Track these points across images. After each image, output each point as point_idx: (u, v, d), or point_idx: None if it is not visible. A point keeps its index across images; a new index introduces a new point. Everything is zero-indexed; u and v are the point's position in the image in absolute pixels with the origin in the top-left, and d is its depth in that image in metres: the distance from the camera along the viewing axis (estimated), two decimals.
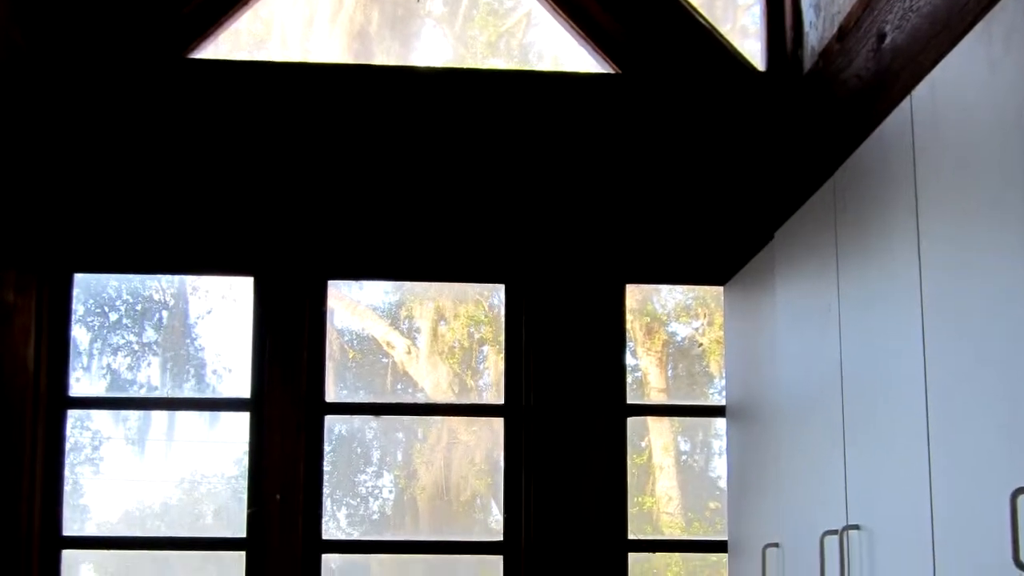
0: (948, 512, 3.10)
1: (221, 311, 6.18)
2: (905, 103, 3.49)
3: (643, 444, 6.36)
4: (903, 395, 3.44)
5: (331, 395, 5.96)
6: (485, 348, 6.31)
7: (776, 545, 4.68)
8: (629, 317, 6.08)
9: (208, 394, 6.06)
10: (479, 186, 5.92)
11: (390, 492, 6.31)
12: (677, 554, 6.23)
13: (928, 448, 3.23)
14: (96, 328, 6.09)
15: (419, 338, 6.30)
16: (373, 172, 5.91)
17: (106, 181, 5.85)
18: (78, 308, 5.98)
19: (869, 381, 3.78)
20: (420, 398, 6.25)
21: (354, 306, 6.33)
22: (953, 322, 3.15)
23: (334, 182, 5.92)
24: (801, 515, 4.39)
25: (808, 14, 5.40)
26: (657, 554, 6.14)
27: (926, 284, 3.33)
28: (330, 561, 5.88)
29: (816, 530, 4.10)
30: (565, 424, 5.79)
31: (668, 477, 6.36)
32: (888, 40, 4.25)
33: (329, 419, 5.91)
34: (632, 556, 5.85)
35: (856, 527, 3.80)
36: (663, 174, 5.95)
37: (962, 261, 3.12)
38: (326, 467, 5.83)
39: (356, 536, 6.17)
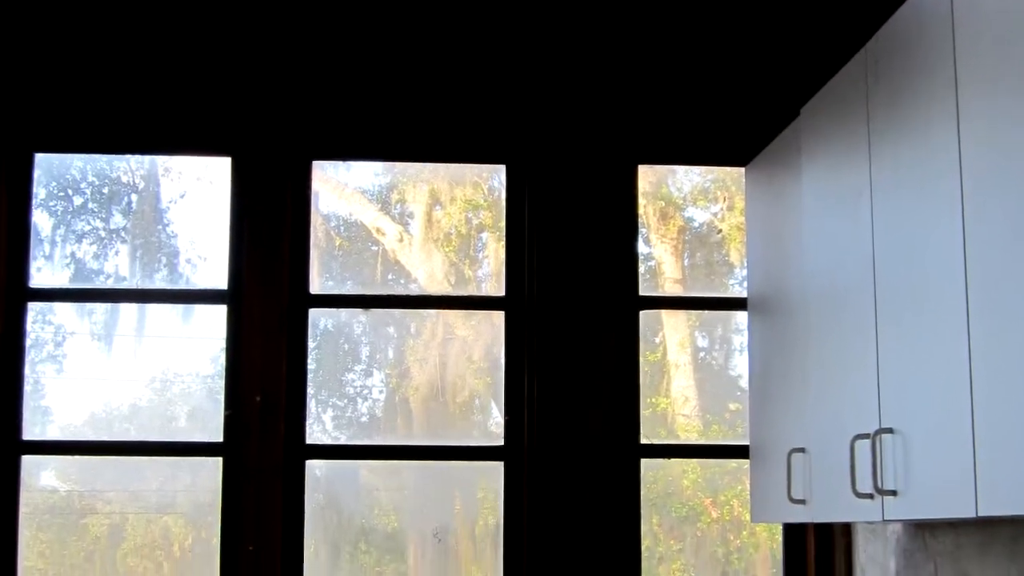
0: (991, 415, 3.10)
1: (196, 195, 6.15)
2: None
3: (657, 340, 6.33)
4: (941, 286, 3.42)
5: (316, 286, 5.96)
6: (484, 235, 6.26)
7: (802, 450, 4.74)
8: (641, 201, 6.07)
9: (181, 285, 6.02)
10: (477, 55, 5.87)
11: (380, 392, 6.29)
12: (694, 460, 6.24)
13: (968, 344, 3.22)
14: (59, 213, 6.05)
15: (412, 224, 6.25)
16: (362, 39, 5.85)
17: (69, 51, 5.79)
18: (39, 191, 6.01)
19: (904, 271, 3.76)
20: (413, 290, 6.21)
21: (341, 189, 6.27)
22: (996, 206, 3.11)
23: (319, 52, 5.86)
24: (830, 418, 4.42)
25: None
26: (672, 460, 6.16)
27: (966, 165, 3.29)
28: (315, 468, 5.92)
29: (846, 434, 4.12)
30: (571, 318, 5.79)
31: (684, 376, 6.33)
32: None
33: (313, 312, 5.93)
34: (645, 462, 5.88)
35: (889, 431, 3.81)
36: (679, 43, 5.89)
37: (1005, 140, 3.08)
38: (310, 365, 5.86)
39: (343, 441, 6.16)
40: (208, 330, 6.00)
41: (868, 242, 4.03)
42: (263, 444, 5.72)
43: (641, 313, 5.98)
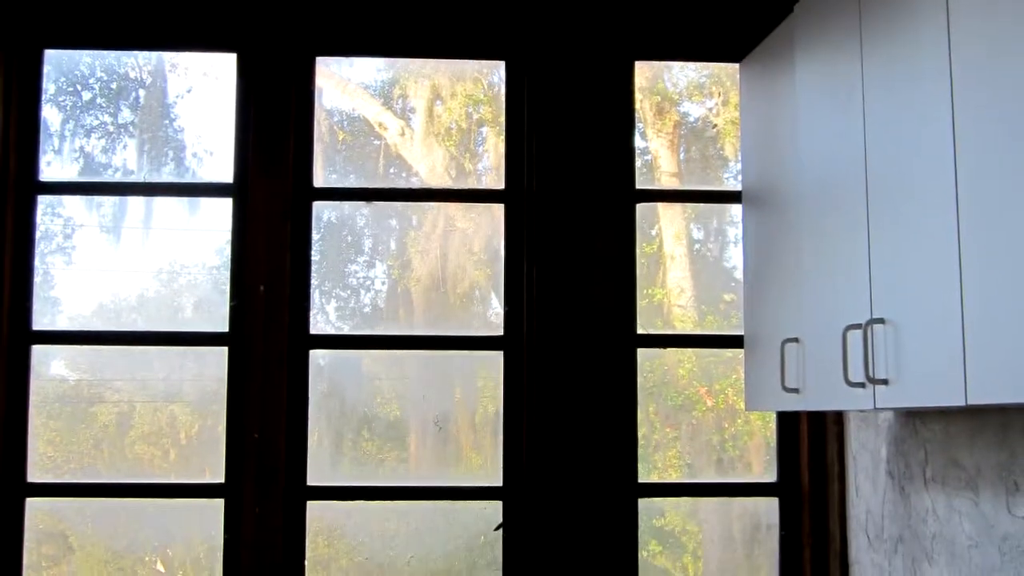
0: (980, 305, 3.12)
1: (202, 90, 6.13)
2: None
3: (653, 232, 6.33)
4: (931, 179, 3.43)
5: (319, 180, 5.96)
6: (484, 129, 6.24)
7: (795, 340, 4.76)
8: (638, 96, 6.06)
9: (188, 179, 6.01)
10: None
11: (383, 283, 6.30)
12: (689, 350, 6.26)
13: (958, 236, 3.24)
14: (68, 108, 6.04)
15: (413, 119, 6.23)
16: None
17: None
18: (49, 87, 6.01)
19: (895, 165, 3.76)
20: (414, 183, 6.20)
21: (344, 85, 6.25)
22: (985, 100, 3.11)
23: None
24: (822, 308, 4.44)
25: None
26: (668, 350, 6.19)
27: (956, 61, 3.31)
28: (318, 357, 5.94)
29: (838, 324, 4.15)
30: (570, 210, 5.79)
31: (680, 267, 6.34)
32: None
33: (317, 205, 5.93)
34: (641, 352, 5.91)
35: (881, 321, 3.84)
36: None
37: (994, 35, 3.07)
38: (314, 257, 5.89)
39: (346, 331, 6.18)
40: (214, 223, 6.00)
41: (860, 136, 4.03)
42: (268, 334, 5.74)
43: (638, 206, 5.98)
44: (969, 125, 3.19)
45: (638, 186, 5.98)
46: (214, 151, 6.06)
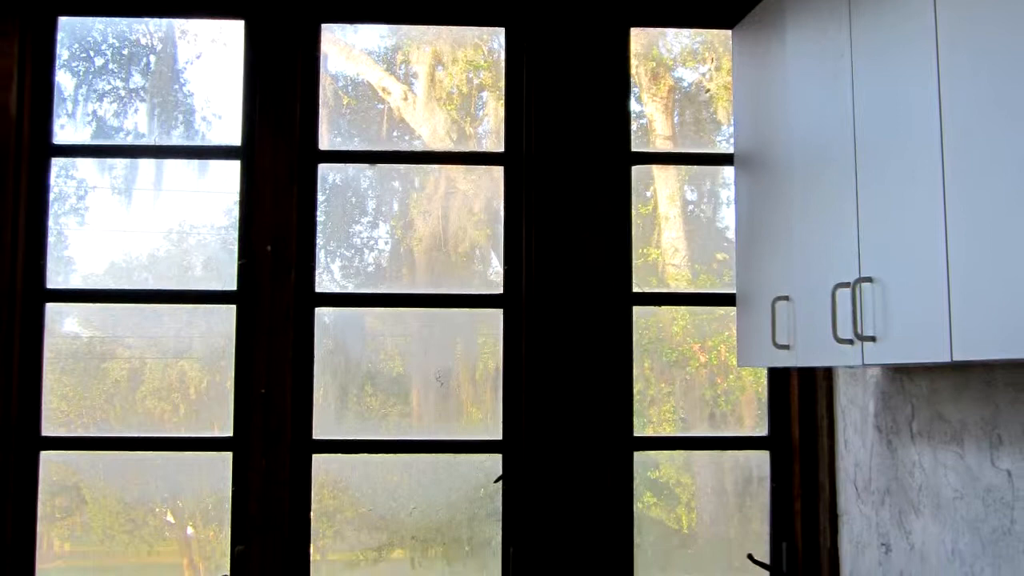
0: (965, 265, 3.14)
1: (211, 56, 6.13)
2: None
3: (648, 194, 6.35)
4: (918, 142, 3.45)
5: (324, 143, 5.97)
6: (484, 94, 6.26)
7: (786, 298, 4.77)
8: (634, 62, 6.07)
9: (197, 142, 6.03)
10: None
11: (386, 243, 6.32)
12: (683, 308, 6.28)
13: (944, 197, 3.26)
14: (81, 73, 6.05)
15: (416, 84, 6.25)
16: None
17: None
18: (62, 52, 6.01)
19: (883, 128, 3.79)
20: (417, 146, 6.22)
21: (348, 50, 6.26)
22: (970, 65, 3.14)
23: None
24: (812, 267, 4.46)
25: None
26: (662, 308, 6.19)
27: (942, 26, 3.33)
28: (323, 315, 5.97)
29: (828, 282, 4.17)
30: (567, 172, 5.81)
31: (674, 228, 6.36)
32: None
33: (322, 168, 5.94)
34: (636, 310, 5.92)
35: (869, 280, 3.87)
36: None
37: (979, 1, 3.08)
38: (319, 218, 5.89)
39: (350, 289, 6.19)
40: (222, 184, 6.01)
41: (848, 100, 4.06)
42: (274, 292, 5.76)
43: (633, 168, 6.01)
44: (954, 89, 3.22)
45: (633, 149, 6.00)
46: (222, 115, 6.08)
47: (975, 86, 3.09)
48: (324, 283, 6.04)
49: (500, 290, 5.94)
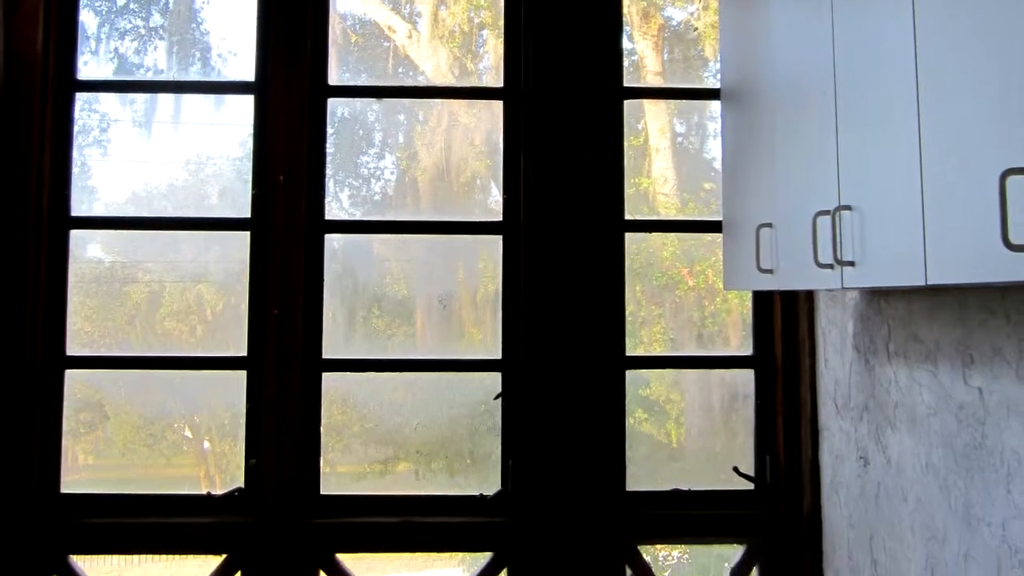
0: (938, 193, 3.15)
1: None
2: None
3: (639, 127, 6.39)
4: (894, 75, 3.45)
5: (333, 78, 5.97)
6: (485, 32, 6.28)
7: (769, 225, 4.78)
8: (625, 1, 6.06)
9: (213, 77, 6.06)
10: None
11: (391, 174, 6.35)
12: (672, 234, 6.31)
13: (919, 129, 3.27)
14: (103, 12, 6.06)
15: (420, 22, 6.26)
16: None
17: None
18: None
19: (861, 62, 3.79)
20: (421, 81, 6.26)
21: None
22: (944, 1, 3.14)
23: None
24: (794, 196, 4.46)
25: None
26: (653, 234, 6.24)
27: None
28: (332, 241, 5.96)
29: (809, 211, 4.18)
30: (563, 107, 5.81)
31: (664, 159, 6.40)
32: None
33: (332, 102, 5.94)
34: (628, 236, 5.94)
35: (848, 208, 3.87)
36: None
37: None
38: (329, 149, 5.87)
39: (358, 216, 6.22)
40: (237, 118, 6.03)
41: (828, 36, 4.06)
42: (286, 220, 5.78)
43: (625, 102, 6.02)
44: (928, 22, 3.23)
45: (625, 84, 6.01)
46: (237, 52, 6.10)
47: (949, 20, 3.10)
48: (333, 211, 6.05)
49: (499, 217, 5.96)
